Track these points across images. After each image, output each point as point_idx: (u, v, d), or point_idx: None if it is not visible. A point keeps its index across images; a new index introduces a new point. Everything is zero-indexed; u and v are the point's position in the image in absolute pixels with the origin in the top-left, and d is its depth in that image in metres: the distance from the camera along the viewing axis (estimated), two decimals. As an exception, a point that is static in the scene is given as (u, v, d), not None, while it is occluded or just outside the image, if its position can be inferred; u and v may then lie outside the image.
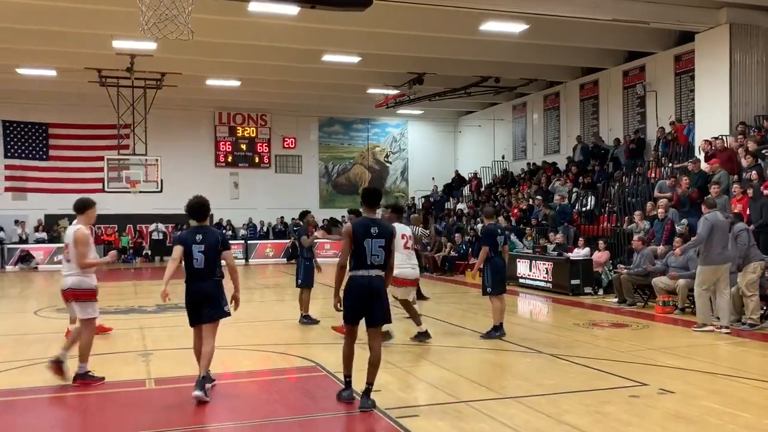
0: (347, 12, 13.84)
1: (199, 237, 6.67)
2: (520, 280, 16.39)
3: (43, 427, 6.06)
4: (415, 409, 6.16)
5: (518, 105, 27.02)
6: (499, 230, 10.09)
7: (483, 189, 26.91)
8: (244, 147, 29.65)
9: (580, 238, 16.20)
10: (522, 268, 16.50)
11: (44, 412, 6.53)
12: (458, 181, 29.20)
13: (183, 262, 6.71)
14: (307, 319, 11.04)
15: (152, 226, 27.41)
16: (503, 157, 27.83)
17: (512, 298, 15.07)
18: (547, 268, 15.60)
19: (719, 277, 10.11)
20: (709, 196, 11.64)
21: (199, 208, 6.87)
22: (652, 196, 15.92)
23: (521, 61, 21.09)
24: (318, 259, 11.40)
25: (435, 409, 6.15)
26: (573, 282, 14.78)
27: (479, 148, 29.83)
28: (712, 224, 10.02)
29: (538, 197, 20.38)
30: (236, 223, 28.51)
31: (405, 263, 9.14)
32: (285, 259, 27.13)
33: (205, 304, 6.64)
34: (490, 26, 16.78)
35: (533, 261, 16.23)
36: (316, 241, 11.75)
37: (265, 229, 29.25)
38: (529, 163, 25.65)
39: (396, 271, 7.65)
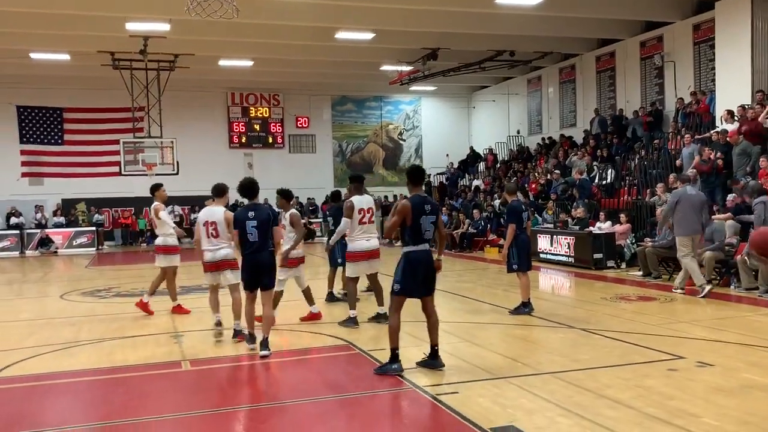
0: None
1: (251, 214, 7.55)
2: (542, 255, 16.32)
3: (83, 409, 6.11)
4: (454, 386, 6.14)
5: (533, 79, 26.76)
6: (522, 206, 10.04)
7: (499, 165, 26.74)
8: (257, 127, 29.59)
9: (601, 212, 16.11)
10: (543, 243, 16.42)
11: (84, 395, 6.57)
12: (473, 157, 29.04)
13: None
14: (331, 298, 11.06)
15: (168, 209, 27.42)
16: (518, 132, 27.65)
17: (534, 274, 15.03)
18: (569, 243, 15.52)
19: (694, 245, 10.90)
20: (686, 173, 12.21)
21: (250, 187, 7.73)
22: (674, 168, 15.78)
23: (536, 33, 20.84)
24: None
25: (474, 386, 6.14)
26: (596, 256, 14.71)
27: (494, 124, 29.62)
28: (678, 199, 10.83)
29: (557, 171, 20.25)
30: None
31: (360, 236, 9.11)
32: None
33: (264, 273, 7.56)
34: (506, -1, 16.56)
35: (554, 236, 16.15)
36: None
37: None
38: (544, 138, 25.46)
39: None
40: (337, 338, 8.42)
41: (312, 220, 25.56)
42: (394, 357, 6.55)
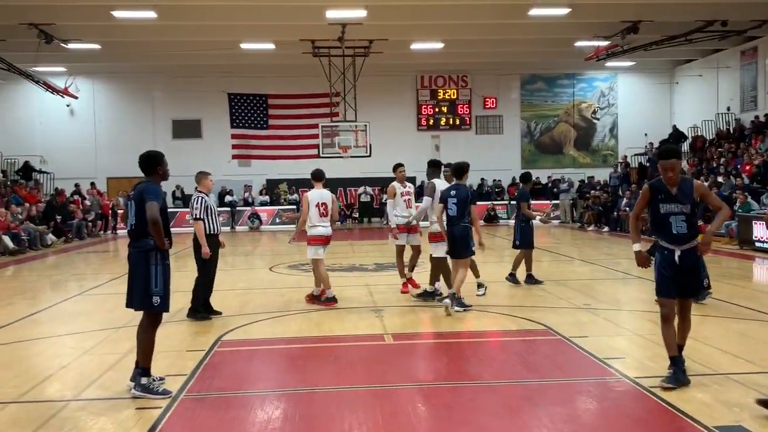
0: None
1: (453, 192, 8.89)
2: (758, 244, 14.85)
3: (299, 374, 6.52)
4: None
5: (747, 50, 24.25)
6: None
7: (707, 144, 24.60)
8: (445, 109, 29.78)
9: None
10: (759, 231, 14.91)
11: (298, 361, 7.01)
12: (676, 136, 27.01)
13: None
14: (530, 280, 10.91)
15: (360, 189, 28.69)
16: (728, 109, 25.27)
17: (747, 263, 13.78)
18: (791, 231, 13.99)
19: None
20: None
21: (459, 168, 9.08)
22: None
23: (754, -1, 18.84)
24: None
25: (692, 381, 5.74)
26: (825, 246, 13.13)
27: (700, 100, 27.31)
28: None
29: (776, 152, 18.28)
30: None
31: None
32: (483, 221, 27.04)
33: (457, 245, 8.72)
34: (722, -38, 15.11)
35: (773, 223, 14.62)
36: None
37: (466, 190, 29.33)
38: (758, 115, 23.05)
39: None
40: (534, 322, 8.28)
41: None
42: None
